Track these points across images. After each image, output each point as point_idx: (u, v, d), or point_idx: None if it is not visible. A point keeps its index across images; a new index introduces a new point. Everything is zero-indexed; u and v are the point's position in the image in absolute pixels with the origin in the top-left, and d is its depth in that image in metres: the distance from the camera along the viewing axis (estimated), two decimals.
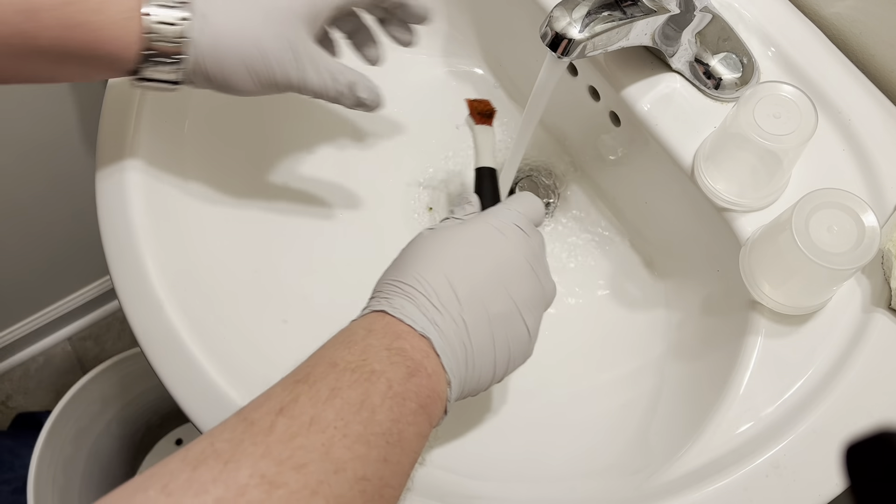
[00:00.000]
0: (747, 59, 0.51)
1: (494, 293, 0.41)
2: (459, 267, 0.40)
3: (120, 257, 0.49)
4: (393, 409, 0.35)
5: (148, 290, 0.48)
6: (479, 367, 0.40)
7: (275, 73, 0.44)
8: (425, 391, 0.37)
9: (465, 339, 0.39)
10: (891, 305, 0.44)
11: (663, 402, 0.50)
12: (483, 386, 0.41)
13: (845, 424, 0.42)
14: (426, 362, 0.37)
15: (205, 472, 0.29)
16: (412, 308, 0.39)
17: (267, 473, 0.30)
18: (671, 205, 0.54)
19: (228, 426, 0.32)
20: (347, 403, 0.33)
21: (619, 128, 0.56)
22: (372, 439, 0.33)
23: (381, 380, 0.35)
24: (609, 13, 0.44)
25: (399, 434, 0.35)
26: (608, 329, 0.57)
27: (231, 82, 0.44)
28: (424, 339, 0.38)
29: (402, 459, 0.35)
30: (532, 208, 0.46)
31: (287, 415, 0.32)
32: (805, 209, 0.40)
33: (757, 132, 0.43)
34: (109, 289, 1.18)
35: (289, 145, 0.60)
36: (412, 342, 0.38)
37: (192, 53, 0.42)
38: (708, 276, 0.53)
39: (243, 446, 0.31)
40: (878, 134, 0.48)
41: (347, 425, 0.33)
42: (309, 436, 0.32)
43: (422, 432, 0.37)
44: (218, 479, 0.29)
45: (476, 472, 0.48)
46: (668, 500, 0.41)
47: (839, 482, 0.40)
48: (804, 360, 0.44)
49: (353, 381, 0.35)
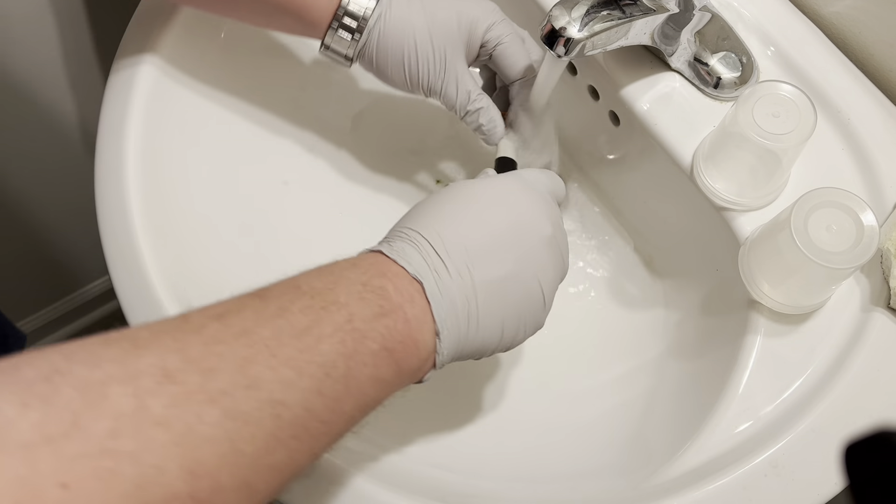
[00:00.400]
0: (746, 59, 0.51)
1: (511, 251, 0.39)
2: (475, 219, 0.39)
3: (120, 256, 0.49)
4: (346, 343, 0.33)
5: (148, 289, 0.48)
6: (483, 327, 0.38)
7: (423, 76, 0.49)
8: (397, 335, 0.35)
9: (468, 292, 0.37)
10: (890, 305, 0.44)
11: (662, 402, 0.50)
12: (487, 349, 0.40)
13: (844, 424, 0.42)
14: (407, 307, 0.36)
15: (112, 350, 0.28)
16: (412, 251, 0.38)
17: (169, 367, 0.28)
18: (670, 204, 0.54)
19: (164, 320, 0.31)
20: (290, 325, 0.32)
21: (619, 127, 0.56)
22: (306, 367, 0.31)
23: (342, 311, 0.33)
24: (608, 12, 0.44)
25: (346, 371, 0.32)
26: (607, 328, 0.57)
27: (386, 72, 0.50)
28: (416, 283, 0.36)
29: (343, 398, 0.33)
30: (555, 183, 0.45)
31: (223, 321, 0.31)
32: (804, 208, 0.40)
33: (756, 131, 0.43)
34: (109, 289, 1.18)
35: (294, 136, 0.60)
36: (397, 283, 0.36)
37: (366, 36, 0.48)
38: (707, 276, 0.53)
39: (161, 338, 0.29)
40: (877, 133, 0.48)
41: (280, 346, 0.31)
42: (232, 345, 0.30)
43: (381, 377, 0.34)
44: (118, 360, 0.28)
45: (476, 472, 0.48)
46: (667, 499, 0.41)
47: (838, 481, 0.40)
48: (803, 360, 0.44)
49: (307, 305, 0.33)
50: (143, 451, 0.26)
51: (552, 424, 0.53)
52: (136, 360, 0.28)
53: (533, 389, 0.55)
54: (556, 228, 0.42)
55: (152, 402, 0.27)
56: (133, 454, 0.25)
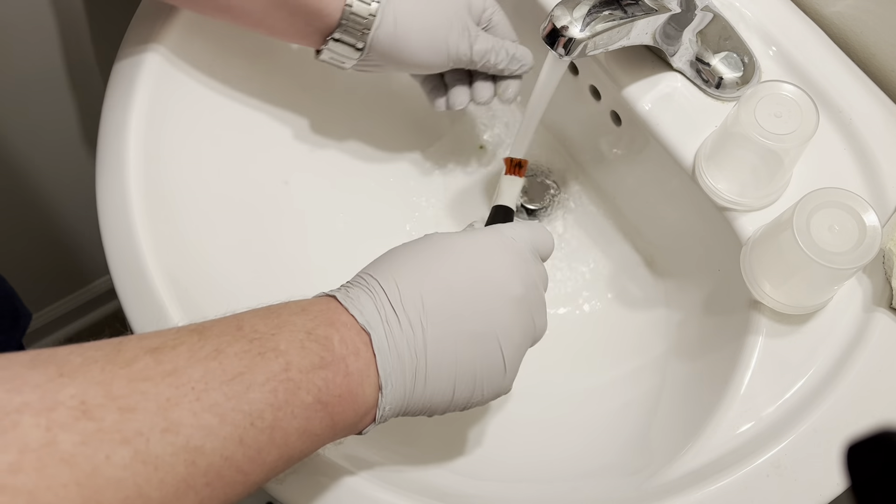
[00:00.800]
0: (748, 59, 0.51)
1: (471, 309, 0.38)
2: (438, 273, 0.38)
3: (120, 256, 0.49)
4: (276, 394, 0.32)
5: (148, 289, 0.48)
6: (431, 385, 0.37)
7: (449, 43, 0.51)
8: (335, 389, 0.34)
9: (418, 347, 0.36)
10: (892, 305, 0.44)
11: (664, 402, 0.50)
12: (437, 408, 0.38)
13: (846, 424, 0.41)
14: (350, 359, 0.35)
15: (37, 374, 0.27)
16: (367, 300, 0.36)
17: (89, 402, 0.27)
18: (672, 204, 0.54)
19: (102, 343, 0.30)
20: (222, 369, 0.31)
21: (620, 127, 0.56)
22: (230, 415, 0.30)
23: (279, 360, 0.32)
24: (610, 12, 0.44)
25: (273, 422, 0.32)
26: (608, 329, 0.57)
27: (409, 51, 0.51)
28: (364, 333, 0.35)
29: (266, 449, 0.32)
30: (541, 238, 0.43)
31: (155, 356, 0.30)
32: (806, 208, 0.40)
33: (758, 131, 0.43)
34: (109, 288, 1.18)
35: (293, 135, 0.60)
36: (344, 335, 0.35)
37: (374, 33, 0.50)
38: (709, 276, 0.53)
39: (90, 368, 0.28)
40: (879, 133, 0.48)
41: (207, 390, 0.30)
42: (159, 384, 0.29)
43: (312, 430, 0.33)
44: (40, 386, 0.27)
45: (476, 472, 0.48)
46: (668, 499, 0.40)
47: (840, 482, 0.40)
48: (805, 360, 0.44)
49: (244, 349, 0.32)
50: (42, 489, 0.25)
51: (553, 425, 0.53)
52: (57, 389, 0.27)
53: (534, 390, 0.55)
54: (528, 288, 0.40)
55: (63, 437, 0.26)
56: (31, 492, 0.25)
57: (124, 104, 0.53)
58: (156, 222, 0.50)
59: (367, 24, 0.49)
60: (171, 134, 0.54)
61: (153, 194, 0.51)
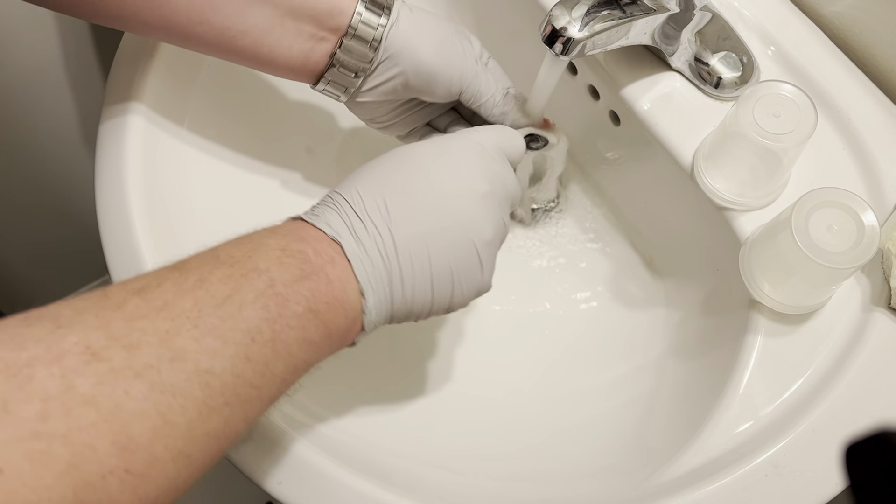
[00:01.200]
0: (747, 58, 0.51)
1: (436, 209, 0.39)
2: (399, 178, 0.39)
3: (120, 256, 0.49)
4: (268, 308, 0.33)
5: None
6: (409, 285, 0.38)
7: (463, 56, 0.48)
8: (322, 297, 0.35)
9: (389, 252, 0.38)
10: (890, 305, 0.44)
11: (663, 402, 0.50)
12: (421, 310, 0.40)
13: (845, 424, 0.41)
14: (329, 268, 0.36)
15: (35, 330, 0.28)
16: (332, 214, 0.38)
17: (93, 345, 0.28)
18: (671, 204, 0.54)
19: (86, 295, 0.31)
20: (210, 295, 0.32)
21: (619, 127, 0.56)
22: (230, 335, 0.31)
23: (262, 278, 0.34)
24: (608, 12, 0.44)
25: (273, 334, 0.33)
26: (608, 328, 0.57)
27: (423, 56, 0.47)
28: (336, 244, 0.37)
29: (273, 362, 0.33)
30: (507, 139, 0.43)
31: (143, 296, 0.31)
32: (805, 208, 0.40)
33: (756, 131, 0.43)
34: None
35: (290, 140, 0.60)
36: (317, 246, 0.36)
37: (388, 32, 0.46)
38: (708, 276, 0.53)
39: (84, 316, 0.29)
40: (878, 133, 0.48)
41: (202, 317, 0.31)
42: (154, 320, 0.30)
43: (310, 339, 0.35)
44: (42, 340, 0.28)
45: (476, 472, 0.48)
46: (667, 499, 0.40)
47: (839, 482, 0.40)
48: (804, 360, 0.44)
49: (226, 275, 0.33)
50: (73, 430, 0.26)
51: (553, 424, 0.53)
52: (60, 339, 0.28)
53: (533, 389, 0.55)
54: (494, 185, 0.41)
55: (79, 381, 0.27)
56: (64, 435, 0.26)
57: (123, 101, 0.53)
58: (156, 222, 0.50)
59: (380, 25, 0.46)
60: (172, 133, 0.54)
61: (153, 194, 0.51)
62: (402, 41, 0.47)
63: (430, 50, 0.47)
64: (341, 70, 0.47)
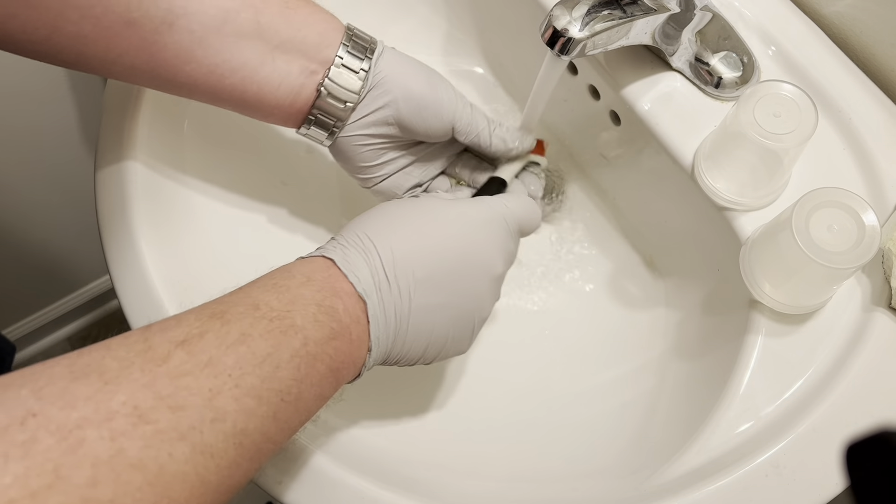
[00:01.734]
0: (747, 58, 0.51)
1: (457, 283, 0.40)
2: (431, 244, 0.40)
3: (120, 256, 0.49)
4: (300, 369, 0.34)
5: (148, 289, 0.48)
6: (408, 346, 0.40)
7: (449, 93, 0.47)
8: (342, 356, 0.37)
9: (404, 313, 0.39)
10: (891, 304, 0.44)
11: (663, 402, 0.50)
12: (406, 362, 0.42)
13: (845, 424, 0.41)
14: (353, 327, 0.37)
15: (83, 386, 0.28)
16: (363, 266, 0.39)
17: (141, 406, 0.29)
18: (671, 204, 0.54)
19: (128, 342, 0.31)
20: (252, 353, 0.33)
21: (620, 127, 0.56)
22: (265, 395, 0.33)
23: (298, 336, 0.35)
24: (609, 12, 0.44)
25: (298, 394, 0.34)
26: (608, 328, 0.57)
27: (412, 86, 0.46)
28: (361, 301, 0.38)
29: (292, 418, 0.35)
30: (530, 217, 0.45)
31: (187, 349, 0.31)
32: (805, 208, 0.40)
33: (757, 131, 0.43)
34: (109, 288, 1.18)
35: (286, 147, 0.60)
36: (347, 303, 0.37)
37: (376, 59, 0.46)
38: (708, 276, 0.53)
39: (130, 370, 0.30)
40: (878, 133, 0.48)
41: (243, 375, 0.32)
42: (199, 377, 0.31)
43: (323, 394, 0.36)
44: (91, 399, 0.28)
45: (476, 472, 0.48)
46: (667, 499, 0.40)
47: (839, 482, 0.40)
48: (804, 360, 0.44)
49: (267, 330, 0.34)
50: (120, 496, 0.27)
51: (553, 425, 0.53)
52: (108, 398, 0.28)
53: (534, 389, 0.55)
54: (507, 265, 0.43)
55: (128, 444, 0.28)
56: (111, 500, 0.27)
57: (123, 103, 0.53)
58: (156, 222, 0.50)
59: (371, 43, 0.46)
60: (171, 132, 0.54)
61: (153, 194, 0.51)
62: (390, 70, 0.46)
63: (419, 79, 0.47)
64: (330, 100, 0.45)
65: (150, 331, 0.32)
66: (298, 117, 0.47)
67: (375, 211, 0.42)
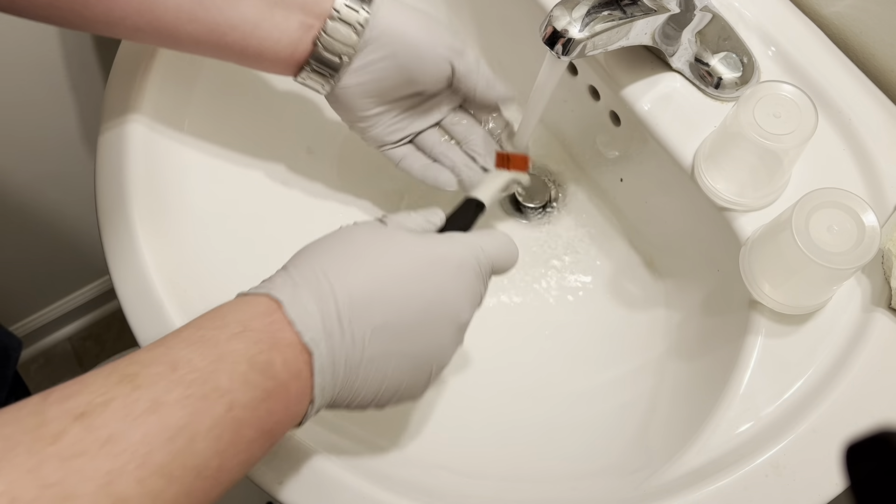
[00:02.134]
0: (747, 59, 0.51)
1: (416, 332, 0.37)
2: (394, 288, 0.36)
3: (120, 256, 0.49)
4: (222, 438, 0.30)
5: (148, 289, 0.48)
6: (357, 394, 0.37)
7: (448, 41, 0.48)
8: (276, 416, 0.33)
9: (354, 364, 0.35)
10: (891, 305, 0.44)
11: (663, 402, 0.50)
12: (352, 408, 0.38)
13: (845, 424, 0.42)
14: (292, 383, 0.33)
15: None
16: (313, 310, 0.34)
17: (21, 497, 0.25)
18: (671, 204, 0.54)
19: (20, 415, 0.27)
20: (163, 425, 0.28)
21: (619, 127, 0.56)
22: (178, 473, 0.28)
23: (223, 401, 0.30)
24: (609, 12, 0.44)
25: (219, 466, 0.30)
26: (608, 329, 0.57)
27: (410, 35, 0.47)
28: (306, 352, 0.33)
29: (212, 490, 0.30)
30: (506, 256, 0.41)
31: (86, 422, 0.27)
32: (805, 208, 0.40)
33: (757, 132, 0.43)
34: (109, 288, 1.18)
35: (289, 143, 0.60)
36: (287, 356, 0.33)
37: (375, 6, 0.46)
38: (708, 276, 0.53)
39: (15, 453, 0.26)
40: (878, 133, 0.48)
41: (151, 453, 0.28)
42: (96, 458, 0.27)
43: (252, 460, 0.32)
44: None
45: (476, 472, 0.48)
46: (667, 499, 0.40)
47: (839, 482, 0.40)
48: (804, 360, 0.44)
49: (184, 396, 0.29)
50: None
51: (553, 424, 0.53)
52: None
53: (534, 390, 0.55)
54: (473, 311, 0.40)
55: None
56: None
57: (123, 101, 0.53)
58: (156, 222, 0.50)
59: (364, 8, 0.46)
60: (171, 133, 0.54)
61: (153, 194, 0.51)
62: (388, 22, 0.46)
63: (418, 29, 0.47)
64: (326, 54, 0.46)
65: (48, 400, 0.28)
66: (297, 67, 0.48)
67: (337, 241, 0.38)
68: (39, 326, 1.18)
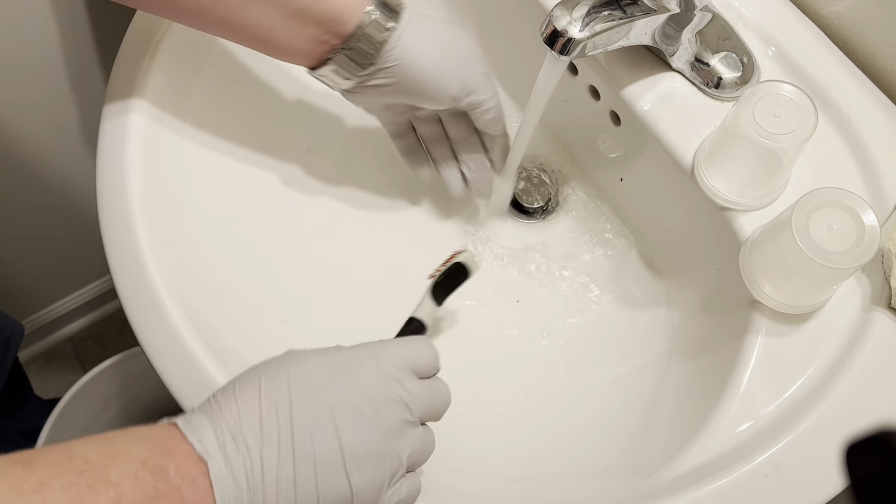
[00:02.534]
0: (747, 59, 0.51)
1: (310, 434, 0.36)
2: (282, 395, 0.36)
3: (120, 256, 0.49)
4: None
5: (148, 289, 0.48)
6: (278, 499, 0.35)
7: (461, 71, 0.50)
8: None
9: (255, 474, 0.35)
10: (891, 304, 0.44)
11: (663, 402, 0.50)
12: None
13: (845, 424, 0.42)
14: (187, 489, 0.33)
15: None
16: (207, 427, 0.35)
17: None
18: (671, 204, 0.54)
19: None
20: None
21: (620, 127, 0.56)
22: None
23: (109, 493, 0.31)
24: (609, 12, 0.44)
25: None
26: (608, 328, 0.57)
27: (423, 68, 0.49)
28: (202, 463, 0.34)
29: None
30: (418, 357, 0.40)
31: None
32: (805, 208, 0.40)
33: (757, 131, 0.43)
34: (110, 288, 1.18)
35: (291, 140, 0.60)
36: (181, 463, 0.33)
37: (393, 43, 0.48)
38: (708, 276, 0.53)
39: None
40: (877, 133, 0.48)
41: None
42: None
43: None
44: None
45: (476, 472, 0.48)
46: (668, 499, 0.41)
47: (839, 481, 0.40)
48: (804, 360, 0.44)
49: (71, 482, 0.30)
50: None
51: (553, 424, 0.53)
52: None
53: (534, 389, 0.55)
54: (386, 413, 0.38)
55: None
56: None
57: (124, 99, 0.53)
58: (156, 222, 0.50)
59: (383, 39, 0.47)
60: (171, 133, 0.54)
61: (153, 194, 0.51)
62: (404, 53, 0.48)
63: (433, 62, 0.49)
64: (338, 68, 0.49)
65: None
66: (311, 66, 0.50)
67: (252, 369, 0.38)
68: (40, 326, 1.18)
